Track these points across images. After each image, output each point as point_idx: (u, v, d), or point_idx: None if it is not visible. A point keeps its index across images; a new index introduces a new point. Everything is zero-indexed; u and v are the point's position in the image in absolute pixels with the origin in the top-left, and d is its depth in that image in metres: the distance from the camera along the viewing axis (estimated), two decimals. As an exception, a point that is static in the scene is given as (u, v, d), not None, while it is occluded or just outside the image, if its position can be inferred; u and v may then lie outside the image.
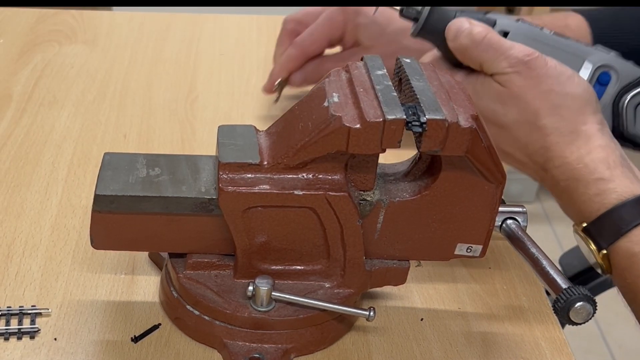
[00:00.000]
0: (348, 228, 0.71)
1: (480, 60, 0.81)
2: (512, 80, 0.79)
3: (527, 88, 0.79)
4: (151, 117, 1.09)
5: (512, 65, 0.79)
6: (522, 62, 0.79)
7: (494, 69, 0.80)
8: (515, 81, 0.79)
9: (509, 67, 0.79)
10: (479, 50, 0.80)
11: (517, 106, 0.79)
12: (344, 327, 0.77)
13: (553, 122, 0.78)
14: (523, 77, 0.79)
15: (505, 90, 0.79)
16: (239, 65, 1.24)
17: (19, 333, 0.74)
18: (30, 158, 0.98)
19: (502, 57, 0.79)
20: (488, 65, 0.80)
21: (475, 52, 0.81)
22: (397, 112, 0.66)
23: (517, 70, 0.79)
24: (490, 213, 0.73)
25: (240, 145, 0.72)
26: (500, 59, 0.79)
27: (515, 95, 0.79)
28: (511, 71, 0.79)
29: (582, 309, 0.67)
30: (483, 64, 0.81)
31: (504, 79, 0.79)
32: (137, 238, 0.73)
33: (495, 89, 0.80)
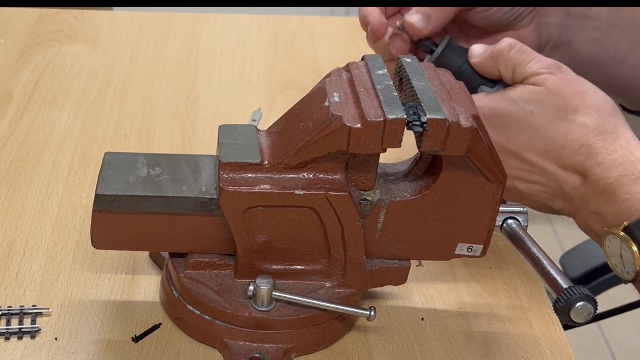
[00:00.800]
0: (349, 228, 0.71)
1: (515, 61, 0.80)
2: (547, 78, 0.79)
3: (564, 86, 0.79)
4: (152, 117, 1.09)
5: (546, 66, 0.79)
6: (556, 66, 0.80)
7: (528, 69, 0.80)
8: (550, 79, 0.79)
9: (543, 68, 0.79)
10: (514, 51, 0.80)
11: (554, 104, 0.78)
12: (344, 327, 0.77)
13: (593, 120, 0.77)
14: (558, 77, 0.79)
15: (542, 89, 0.79)
16: (240, 64, 1.24)
17: (20, 333, 0.74)
18: (31, 158, 0.98)
19: (535, 60, 0.80)
20: (522, 66, 0.80)
21: (510, 54, 0.81)
22: (397, 112, 0.66)
23: (551, 71, 0.79)
24: (491, 213, 0.73)
25: (241, 145, 0.72)
26: (534, 62, 0.80)
27: (552, 91, 0.79)
28: (546, 71, 0.79)
29: (582, 308, 0.67)
30: (517, 65, 0.80)
31: (539, 79, 0.79)
32: (137, 238, 0.73)
33: (532, 89, 0.79)
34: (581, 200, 0.77)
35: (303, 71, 1.23)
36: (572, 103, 0.78)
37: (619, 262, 0.74)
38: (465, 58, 0.84)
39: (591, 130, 0.77)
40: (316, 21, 1.39)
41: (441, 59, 0.85)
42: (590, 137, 0.77)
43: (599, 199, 0.75)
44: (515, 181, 0.80)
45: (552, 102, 0.78)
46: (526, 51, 0.80)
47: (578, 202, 0.78)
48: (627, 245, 0.72)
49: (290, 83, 1.20)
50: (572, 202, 0.78)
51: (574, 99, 0.78)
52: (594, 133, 0.77)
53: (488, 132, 0.79)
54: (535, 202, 0.82)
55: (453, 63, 0.84)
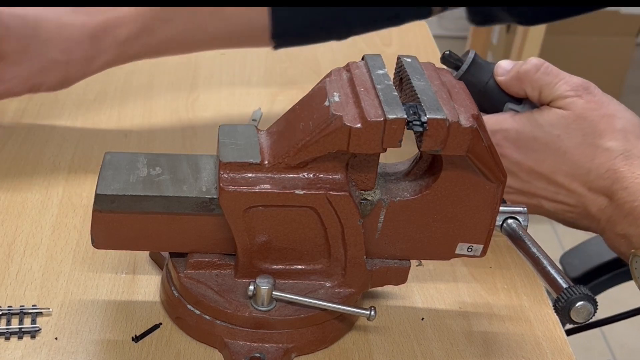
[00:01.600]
0: (349, 227, 0.71)
1: (541, 83, 0.80)
2: (574, 102, 0.79)
3: (591, 110, 0.79)
4: (152, 117, 1.09)
5: (574, 88, 0.79)
6: (583, 87, 0.79)
7: (555, 92, 0.80)
8: (578, 103, 0.79)
9: (570, 90, 0.79)
10: (540, 73, 0.80)
11: (581, 128, 0.78)
12: (344, 327, 0.77)
13: (619, 144, 0.77)
14: (585, 100, 0.79)
15: (569, 113, 0.79)
16: (240, 64, 1.24)
17: (20, 332, 0.74)
18: (31, 157, 0.98)
19: (562, 81, 0.80)
20: (549, 88, 0.80)
21: (536, 75, 0.80)
22: (398, 112, 0.66)
23: (578, 93, 0.79)
24: (491, 212, 0.73)
25: (241, 145, 0.72)
26: (561, 83, 0.80)
27: (579, 116, 0.79)
28: (573, 94, 0.79)
29: (583, 308, 0.67)
30: (544, 87, 0.80)
31: (566, 102, 0.79)
32: (138, 237, 0.73)
33: (558, 113, 0.79)
34: (608, 222, 0.78)
35: (303, 71, 1.23)
36: (599, 127, 0.78)
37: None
38: (491, 74, 0.84)
39: (618, 155, 0.77)
40: (316, 21, 1.38)
41: (467, 75, 0.84)
42: (616, 161, 0.77)
43: (625, 221, 0.76)
44: (542, 200, 0.81)
45: (579, 127, 0.78)
46: (552, 72, 0.80)
47: (605, 223, 0.78)
48: None
49: (290, 83, 1.20)
50: (598, 223, 0.79)
51: (600, 123, 0.78)
52: (620, 158, 0.77)
53: (514, 154, 0.80)
54: (562, 220, 0.82)
55: (479, 79, 0.84)
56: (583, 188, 0.79)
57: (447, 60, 0.86)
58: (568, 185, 0.80)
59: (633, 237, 0.76)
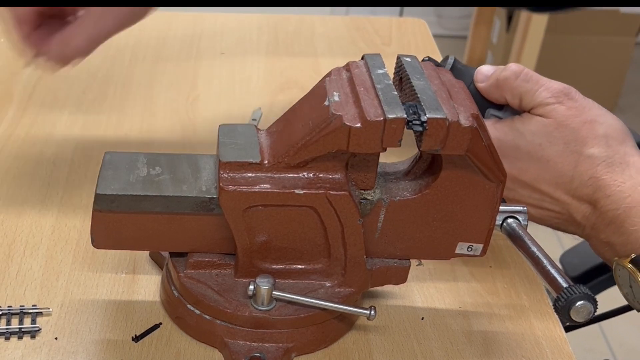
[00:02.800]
0: (349, 227, 0.71)
1: (521, 90, 0.80)
2: (555, 109, 0.78)
3: (572, 117, 0.78)
4: (152, 117, 1.09)
5: (554, 95, 0.78)
6: (564, 93, 0.79)
7: (535, 99, 0.79)
8: (559, 110, 0.78)
9: (551, 97, 0.78)
10: (520, 80, 0.79)
11: (563, 136, 0.78)
12: (344, 326, 0.77)
13: (601, 151, 0.77)
14: (566, 106, 0.78)
15: (550, 121, 0.78)
16: (240, 64, 1.24)
17: (20, 332, 0.74)
18: (31, 157, 0.98)
19: (542, 87, 0.79)
20: (529, 95, 0.79)
21: (516, 82, 0.80)
22: (397, 111, 0.66)
23: (559, 100, 0.78)
24: (491, 212, 0.73)
25: (241, 145, 0.72)
26: (541, 90, 0.79)
27: (560, 124, 0.78)
28: (554, 101, 0.78)
29: (582, 307, 0.67)
30: (524, 94, 0.79)
31: (547, 110, 0.78)
32: (137, 237, 0.73)
33: (539, 121, 0.79)
34: (592, 229, 0.78)
35: (303, 70, 1.23)
36: (581, 134, 0.77)
37: (629, 291, 0.74)
38: (472, 80, 0.83)
39: (600, 162, 0.77)
40: (316, 20, 1.39)
41: None
42: (598, 169, 0.76)
43: (608, 229, 0.76)
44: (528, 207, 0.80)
45: (561, 135, 0.78)
46: (532, 79, 0.79)
47: (589, 230, 0.78)
48: (634, 278, 0.72)
49: (290, 82, 1.20)
50: (583, 229, 0.79)
51: (582, 130, 0.77)
52: (602, 165, 0.76)
53: None
54: (549, 225, 0.82)
55: None
56: (567, 196, 0.78)
57: None
58: (552, 193, 0.79)
59: (616, 245, 0.76)
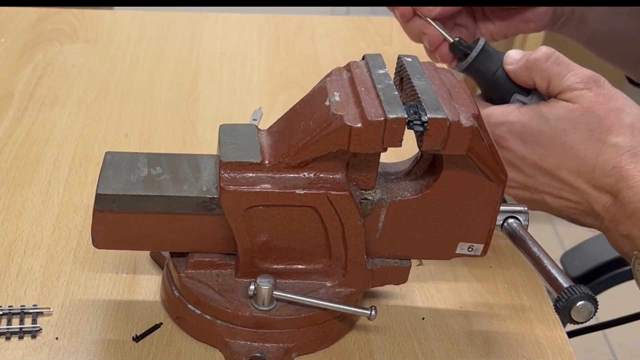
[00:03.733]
0: (349, 227, 0.71)
1: (550, 73, 0.79)
2: (583, 95, 0.77)
3: (600, 104, 0.77)
4: (153, 116, 1.09)
5: (583, 81, 0.77)
6: (593, 80, 0.78)
7: (564, 83, 0.78)
8: (586, 96, 0.77)
9: (580, 83, 0.77)
10: (550, 62, 0.78)
11: (588, 123, 0.77)
12: (345, 326, 0.77)
13: (626, 141, 0.76)
14: (594, 93, 0.77)
15: (577, 107, 0.77)
16: (241, 64, 1.24)
17: (21, 332, 0.74)
18: (32, 157, 0.98)
19: (572, 72, 0.78)
20: (558, 79, 0.78)
21: (546, 64, 0.79)
22: (398, 111, 0.66)
23: (588, 86, 0.77)
24: (492, 212, 0.73)
25: (242, 145, 0.72)
26: (570, 75, 0.78)
27: (587, 110, 0.77)
28: (582, 87, 0.77)
29: (583, 307, 0.67)
30: (553, 77, 0.78)
31: (574, 95, 0.77)
32: (138, 237, 0.73)
33: (565, 106, 0.78)
34: (611, 221, 0.77)
35: (304, 70, 1.23)
36: (607, 122, 0.76)
37: None
38: (500, 63, 0.82)
39: (624, 152, 0.76)
40: (317, 20, 1.39)
41: (475, 64, 0.82)
42: (622, 159, 0.75)
43: (629, 221, 0.75)
44: (546, 196, 0.79)
45: (586, 122, 0.77)
46: (563, 62, 0.78)
47: (608, 222, 0.77)
48: None
49: (291, 82, 1.20)
50: (602, 221, 0.78)
51: (608, 118, 0.76)
52: (627, 155, 0.75)
53: (519, 147, 0.78)
54: (566, 216, 0.81)
55: (487, 68, 0.82)
56: (587, 185, 0.78)
57: (456, 48, 0.84)
58: (572, 181, 0.78)
59: (636, 238, 0.75)
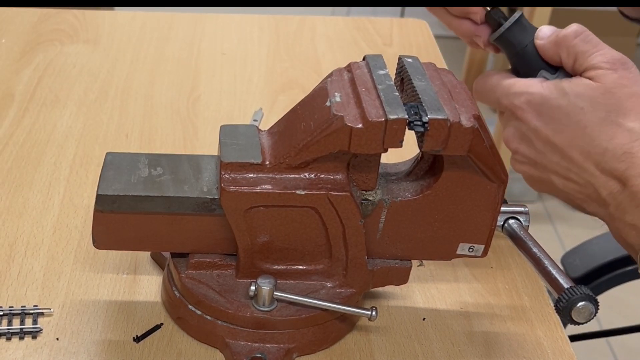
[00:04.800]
0: (350, 228, 0.71)
1: (578, 50, 0.77)
2: (606, 75, 0.76)
3: (621, 86, 0.75)
4: (153, 117, 1.09)
5: (609, 61, 0.76)
6: (620, 62, 0.76)
7: (589, 61, 0.77)
8: (610, 77, 0.75)
9: (606, 63, 0.76)
10: (578, 39, 0.77)
11: (607, 104, 0.75)
12: (346, 327, 0.77)
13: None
14: (618, 75, 0.75)
15: (599, 86, 0.76)
16: (241, 64, 1.24)
17: (21, 333, 0.74)
18: (32, 157, 0.98)
19: (599, 52, 0.76)
20: (584, 56, 0.77)
21: (574, 41, 0.77)
22: (399, 112, 0.66)
23: (613, 67, 0.76)
24: (493, 212, 0.73)
25: (242, 145, 0.72)
26: (597, 54, 0.76)
27: (608, 90, 0.75)
28: (607, 67, 0.76)
29: (584, 308, 0.67)
30: (579, 54, 0.77)
31: (598, 74, 0.76)
32: (139, 238, 0.73)
33: (587, 84, 0.76)
34: (617, 209, 0.75)
35: (304, 71, 1.23)
36: (625, 106, 0.75)
37: None
38: (532, 38, 0.80)
39: (638, 138, 0.74)
40: (317, 21, 1.39)
41: (506, 35, 0.81)
42: (635, 145, 0.74)
43: (637, 210, 0.73)
44: (553, 176, 0.78)
45: (605, 102, 0.75)
46: (592, 41, 0.77)
47: (614, 210, 0.75)
48: None
49: (292, 83, 1.20)
50: (607, 208, 0.76)
51: (628, 102, 0.75)
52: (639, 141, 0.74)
53: (534, 120, 0.76)
54: (570, 200, 0.79)
55: (518, 41, 0.80)
56: (595, 168, 0.75)
57: (491, 17, 0.82)
58: (581, 162, 0.76)
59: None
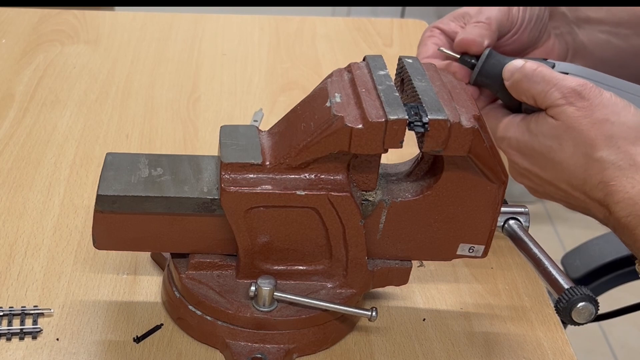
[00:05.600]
0: (350, 228, 0.71)
1: (532, 92, 0.78)
2: (565, 112, 0.76)
3: (581, 118, 0.76)
4: (153, 117, 1.09)
5: (565, 95, 0.76)
6: (575, 92, 0.76)
7: (546, 100, 0.78)
8: (568, 112, 0.76)
9: (561, 98, 0.76)
10: (530, 82, 0.78)
11: (572, 139, 0.76)
12: (346, 327, 0.77)
13: (609, 154, 0.75)
14: (576, 107, 0.76)
15: (559, 124, 0.77)
16: (242, 65, 1.24)
17: (21, 333, 0.74)
18: (33, 158, 0.98)
19: (554, 88, 0.77)
20: (541, 97, 0.78)
21: (527, 84, 0.78)
22: (399, 112, 0.66)
23: (570, 101, 0.76)
24: (493, 213, 0.73)
25: (243, 146, 0.72)
26: (552, 90, 0.77)
27: (569, 126, 0.76)
28: (564, 102, 0.76)
29: (584, 309, 0.67)
30: (536, 96, 0.78)
31: (558, 111, 0.77)
32: (139, 238, 0.73)
33: (550, 123, 0.77)
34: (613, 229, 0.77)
35: (304, 72, 1.23)
36: (589, 137, 0.75)
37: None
38: None
39: (608, 166, 0.74)
40: (318, 21, 1.39)
41: (482, 74, 0.82)
42: (606, 173, 0.75)
43: (623, 234, 0.75)
44: (558, 201, 0.80)
45: (570, 137, 0.76)
46: (544, 78, 0.78)
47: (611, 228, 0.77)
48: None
49: (292, 83, 1.20)
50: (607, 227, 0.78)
51: (590, 132, 0.75)
52: (611, 169, 0.74)
53: (520, 161, 0.79)
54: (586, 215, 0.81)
55: (495, 76, 0.81)
56: (585, 197, 0.77)
57: (463, 61, 0.84)
58: (572, 192, 0.78)
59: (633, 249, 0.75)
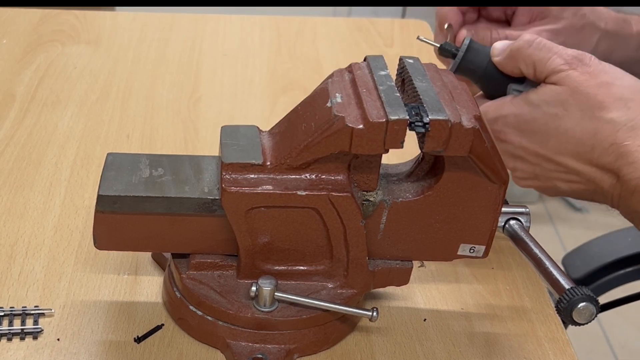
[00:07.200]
0: (351, 228, 0.71)
1: (534, 59, 0.77)
2: (569, 76, 0.75)
3: (587, 81, 0.75)
4: (154, 118, 1.09)
5: (567, 61, 0.75)
6: (577, 59, 0.76)
7: (548, 66, 0.76)
8: (572, 76, 0.75)
9: (564, 64, 0.75)
10: (532, 48, 0.77)
11: (579, 102, 0.75)
12: (347, 328, 0.77)
13: (621, 115, 0.73)
14: (579, 72, 0.75)
15: (564, 89, 0.75)
16: (242, 65, 1.24)
17: (22, 333, 0.74)
18: (33, 158, 0.99)
19: (555, 55, 0.76)
20: (542, 63, 0.77)
21: (528, 51, 0.77)
22: (400, 113, 0.66)
23: (572, 66, 0.75)
24: (493, 213, 0.73)
25: (243, 146, 0.72)
26: (554, 57, 0.76)
27: (574, 90, 0.75)
28: (567, 67, 0.75)
29: (585, 309, 0.67)
30: (537, 62, 0.77)
31: (561, 77, 0.76)
32: (140, 238, 0.73)
33: (553, 90, 0.76)
34: (619, 198, 0.75)
35: (305, 72, 1.23)
36: (597, 99, 0.74)
37: None
38: (489, 58, 0.81)
39: (621, 127, 0.73)
40: (318, 22, 1.39)
41: (465, 63, 0.82)
42: (619, 134, 0.73)
43: (633, 198, 0.73)
44: (556, 182, 0.78)
45: (576, 102, 0.75)
46: (545, 47, 0.77)
47: (617, 200, 0.75)
48: None
49: (293, 84, 1.20)
50: (612, 199, 0.76)
51: (598, 95, 0.74)
52: (624, 130, 0.73)
53: (517, 139, 0.77)
54: (579, 197, 0.79)
55: (477, 65, 0.81)
56: (590, 167, 0.75)
57: (444, 51, 0.84)
58: (575, 166, 0.76)
59: None
